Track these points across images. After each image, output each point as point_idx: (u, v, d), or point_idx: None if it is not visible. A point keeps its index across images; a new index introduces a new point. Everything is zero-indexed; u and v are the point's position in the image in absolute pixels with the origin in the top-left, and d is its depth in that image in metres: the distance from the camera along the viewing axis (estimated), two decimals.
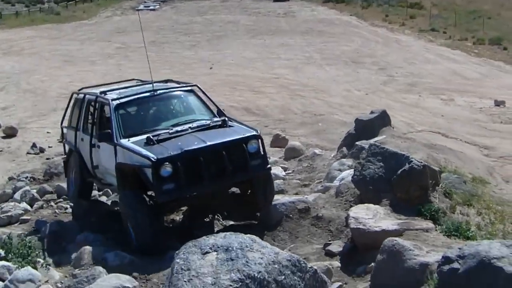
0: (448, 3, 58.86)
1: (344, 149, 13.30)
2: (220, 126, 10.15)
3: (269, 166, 10.12)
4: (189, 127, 9.94)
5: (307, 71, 30.44)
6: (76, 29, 48.83)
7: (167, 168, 9.04)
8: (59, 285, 8.00)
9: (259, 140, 9.87)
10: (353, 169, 9.97)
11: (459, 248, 6.60)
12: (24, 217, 11.31)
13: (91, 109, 11.16)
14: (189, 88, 11.26)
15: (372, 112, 14.83)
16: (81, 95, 11.75)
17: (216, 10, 62.38)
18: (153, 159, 8.97)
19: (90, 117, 11.23)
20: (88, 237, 9.73)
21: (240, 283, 3.80)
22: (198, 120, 10.41)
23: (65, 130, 12.51)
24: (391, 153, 9.33)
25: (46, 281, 7.94)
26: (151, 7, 65.91)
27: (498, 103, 25.53)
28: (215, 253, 4.01)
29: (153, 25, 43.96)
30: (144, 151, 9.23)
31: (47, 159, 15.65)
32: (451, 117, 23.00)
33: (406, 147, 13.22)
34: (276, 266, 3.98)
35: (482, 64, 35.08)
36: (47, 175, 13.76)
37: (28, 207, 11.77)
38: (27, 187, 12.80)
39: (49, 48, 36.45)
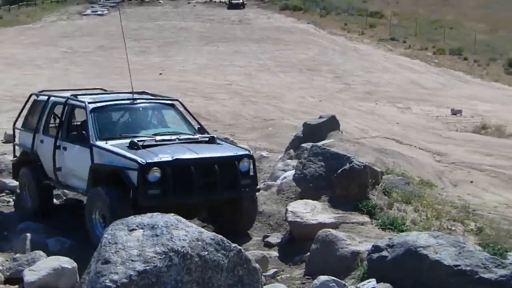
0: (410, 12, 60.03)
1: (291, 151, 13.90)
2: (208, 142, 10.27)
3: (258, 187, 10.33)
4: (177, 138, 10.04)
5: (261, 78, 31.12)
6: (20, 33, 48.68)
7: (155, 173, 9.13)
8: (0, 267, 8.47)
9: (251, 160, 10.08)
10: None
11: (389, 238, 7.30)
12: None
13: (58, 111, 11.17)
14: (170, 102, 11.43)
15: (321, 117, 15.59)
16: (44, 97, 11.76)
17: (168, 16, 62.56)
18: (141, 163, 9.03)
19: (53, 119, 11.29)
20: (29, 225, 10.23)
21: (164, 255, 4.27)
22: (181, 133, 10.52)
23: (17, 132, 12.44)
24: (332, 153, 10.12)
25: None
26: (99, 12, 65.77)
27: (455, 112, 26.50)
28: (142, 230, 4.48)
29: (101, 30, 44.18)
30: (130, 154, 9.30)
31: None
32: (406, 124, 23.81)
33: (355, 151, 13.87)
34: (199, 243, 4.45)
35: (442, 74, 36.17)
36: None
37: None
38: None
39: None
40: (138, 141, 9.59)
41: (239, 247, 4.64)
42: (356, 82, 31.69)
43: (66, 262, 7.68)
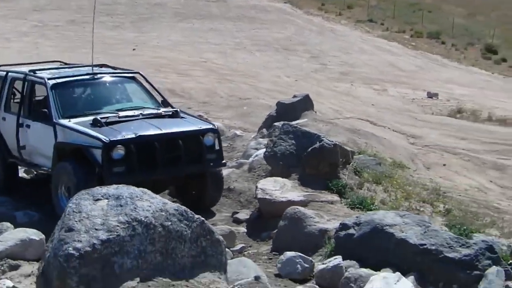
0: None
1: (264, 130, 14.02)
2: (172, 116, 10.23)
3: (224, 161, 10.33)
4: (140, 114, 10.01)
5: (237, 56, 31.12)
6: None
7: (119, 151, 9.16)
8: None
9: (216, 135, 10.10)
10: None
11: (356, 217, 7.47)
12: None
13: (18, 88, 11.02)
14: (131, 75, 11.37)
15: (294, 96, 15.74)
16: (2, 73, 11.51)
17: None
18: (105, 141, 9.07)
19: (14, 96, 11.16)
20: None
21: (127, 225, 4.36)
22: (144, 107, 10.48)
23: None
24: (303, 132, 10.27)
25: None
26: None
27: (431, 95, 26.78)
28: (106, 200, 4.56)
29: (72, 4, 43.63)
30: (93, 132, 9.30)
31: None
32: (382, 106, 24.05)
33: (327, 130, 14.06)
34: (163, 213, 4.55)
35: (419, 57, 36.42)
36: None
37: None
38: None
39: None
40: (101, 118, 9.58)
41: (202, 218, 4.73)
42: (333, 62, 31.81)
43: (33, 234, 7.75)
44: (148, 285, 4.29)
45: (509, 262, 6.89)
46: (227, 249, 7.96)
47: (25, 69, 11.37)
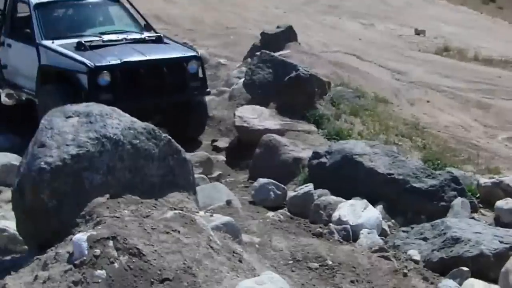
0: None
1: (249, 60, 14.05)
2: (155, 42, 10.17)
3: (208, 90, 10.33)
4: (124, 38, 9.90)
5: None
6: None
7: (105, 77, 9.07)
8: None
9: (200, 62, 10.07)
10: None
11: (328, 145, 7.59)
12: None
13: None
14: None
15: (278, 27, 15.79)
16: None
17: None
18: (90, 66, 8.98)
19: None
20: None
21: (97, 141, 4.46)
22: (128, 31, 10.38)
23: None
24: (279, 60, 10.47)
25: None
26: None
27: (418, 32, 26.50)
28: (77, 117, 4.65)
29: None
30: (78, 56, 9.18)
31: None
32: (368, 41, 23.85)
33: (310, 63, 14.10)
34: (131, 131, 4.64)
35: None
36: None
37: None
38: None
39: None
40: (85, 41, 9.47)
41: (169, 137, 4.83)
42: None
43: (14, 159, 7.76)
44: (118, 201, 4.40)
45: (477, 195, 7.13)
46: (204, 176, 8.18)
47: None
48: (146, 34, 10.37)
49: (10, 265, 4.54)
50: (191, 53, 10.02)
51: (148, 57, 9.43)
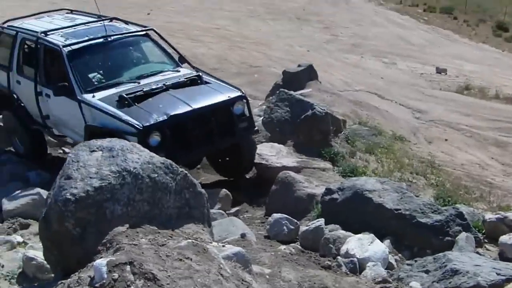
0: None
1: (271, 98, 14.45)
2: (195, 82, 9.84)
3: (256, 128, 10.07)
4: (163, 84, 9.51)
5: (250, 24, 31.16)
6: None
7: (154, 137, 8.74)
8: None
9: (245, 101, 9.75)
10: None
11: (341, 182, 7.93)
12: None
13: (29, 50, 10.55)
14: (144, 32, 10.76)
15: (299, 66, 16.16)
16: (11, 32, 10.91)
17: None
18: (139, 127, 8.63)
19: (26, 58, 10.60)
20: (11, 158, 10.77)
21: (118, 174, 4.83)
22: (164, 70, 10.07)
23: None
24: (297, 99, 10.81)
25: None
26: None
27: (440, 71, 26.73)
28: (101, 152, 5.03)
29: None
30: (124, 115, 8.82)
31: None
32: (390, 80, 24.15)
33: (331, 101, 14.47)
34: (150, 166, 5.00)
35: (430, 32, 36.33)
36: None
37: None
38: None
39: None
40: (127, 94, 9.12)
41: (186, 171, 5.17)
42: (344, 34, 31.89)
43: (44, 194, 8.04)
44: (137, 231, 4.74)
45: (482, 231, 7.38)
46: (222, 211, 8.53)
47: (34, 22, 10.96)
48: (182, 72, 10.10)
49: None
50: (236, 94, 9.67)
51: (194, 107, 9.11)
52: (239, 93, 9.69)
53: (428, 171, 11.25)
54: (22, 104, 10.63)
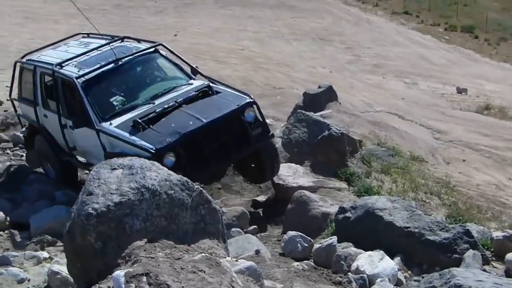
0: None
1: (290, 119, 14.71)
2: (206, 93, 9.76)
3: (271, 133, 9.97)
4: (175, 101, 9.49)
5: (274, 45, 31.41)
6: None
7: (169, 158, 8.75)
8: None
9: (255, 106, 9.63)
10: None
11: (354, 201, 8.17)
12: None
13: (49, 84, 10.66)
14: (153, 48, 10.71)
15: (319, 87, 16.45)
16: (30, 66, 11.09)
17: None
18: (152, 151, 8.65)
19: (48, 92, 10.73)
20: (39, 177, 11.16)
21: (137, 190, 5.12)
22: (177, 86, 10.02)
23: (16, 103, 11.91)
24: (314, 120, 11.05)
25: None
26: None
27: (461, 91, 26.78)
28: (121, 169, 5.34)
29: None
30: (138, 140, 8.89)
31: (5, 111, 15.95)
32: (411, 100, 24.23)
33: (350, 122, 14.68)
34: (167, 183, 5.29)
35: (451, 51, 36.42)
36: (4, 125, 14.49)
37: None
38: None
39: (9, 3, 36.67)
40: (140, 118, 9.18)
41: (201, 188, 5.43)
42: (366, 54, 32.08)
43: (70, 211, 8.47)
44: (154, 245, 5.02)
45: (491, 249, 7.55)
46: (240, 230, 8.78)
47: (51, 52, 11.09)
48: (195, 84, 10.05)
49: None
50: (244, 101, 9.57)
51: (205, 121, 9.08)
52: (248, 99, 9.61)
53: (442, 191, 11.35)
54: (52, 137, 10.80)
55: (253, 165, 10.11)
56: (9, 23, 30.79)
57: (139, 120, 9.16)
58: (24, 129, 11.82)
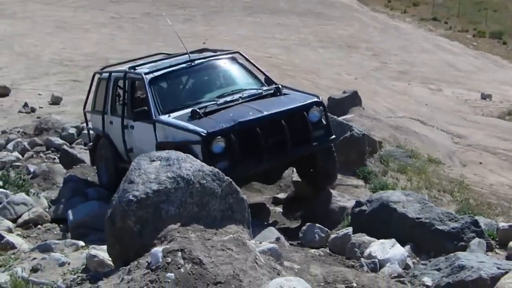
0: None
1: None
2: (274, 95, 9.59)
3: (333, 137, 9.58)
4: (240, 97, 9.38)
5: (300, 52, 32.04)
6: None
7: (219, 143, 8.54)
8: (46, 209, 10.37)
9: (322, 108, 9.38)
10: None
11: (370, 195, 8.80)
12: (16, 163, 13.04)
13: (120, 87, 10.85)
14: (230, 55, 10.71)
15: (344, 92, 17.11)
16: (106, 74, 11.41)
17: None
18: (202, 134, 8.45)
19: (118, 96, 10.93)
20: (72, 177, 11.96)
21: (173, 179, 5.80)
22: (246, 89, 9.81)
23: (88, 116, 12.20)
24: (337, 122, 11.68)
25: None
26: None
27: (485, 97, 27.18)
28: (159, 161, 6.05)
29: None
30: (191, 126, 8.72)
31: (38, 117, 17.10)
32: (434, 106, 24.68)
33: (371, 126, 15.29)
34: (200, 173, 5.97)
35: (478, 57, 36.72)
36: (38, 130, 15.41)
37: (20, 156, 13.58)
38: (19, 139, 14.57)
39: (41, 13, 37.50)
40: (200, 108, 9.07)
41: (230, 179, 6.09)
42: (393, 61, 32.60)
43: (101, 206, 9.39)
44: (187, 229, 5.73)
45: (496, 238, 8.16)
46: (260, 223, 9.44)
47: (125, 66, 11.29)
48: (264, 88, 9.85)
49: (101, 277, 5.89)
50: (311, 100, 9.31)
51: (264, 113, 8.83)
52: (314, 99, 9.38)
53: (455, 189, 11.86)
54: (113, 144, 10.98)
55: (311, 170, 9.88)
56: (41, 32, 31.68)
57: (198, 110, 9.02)
58: (90, 143, 12.07)
